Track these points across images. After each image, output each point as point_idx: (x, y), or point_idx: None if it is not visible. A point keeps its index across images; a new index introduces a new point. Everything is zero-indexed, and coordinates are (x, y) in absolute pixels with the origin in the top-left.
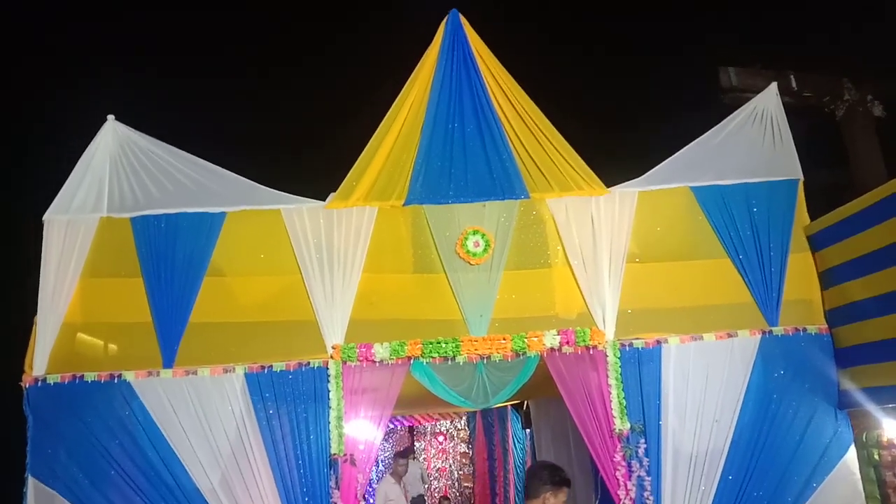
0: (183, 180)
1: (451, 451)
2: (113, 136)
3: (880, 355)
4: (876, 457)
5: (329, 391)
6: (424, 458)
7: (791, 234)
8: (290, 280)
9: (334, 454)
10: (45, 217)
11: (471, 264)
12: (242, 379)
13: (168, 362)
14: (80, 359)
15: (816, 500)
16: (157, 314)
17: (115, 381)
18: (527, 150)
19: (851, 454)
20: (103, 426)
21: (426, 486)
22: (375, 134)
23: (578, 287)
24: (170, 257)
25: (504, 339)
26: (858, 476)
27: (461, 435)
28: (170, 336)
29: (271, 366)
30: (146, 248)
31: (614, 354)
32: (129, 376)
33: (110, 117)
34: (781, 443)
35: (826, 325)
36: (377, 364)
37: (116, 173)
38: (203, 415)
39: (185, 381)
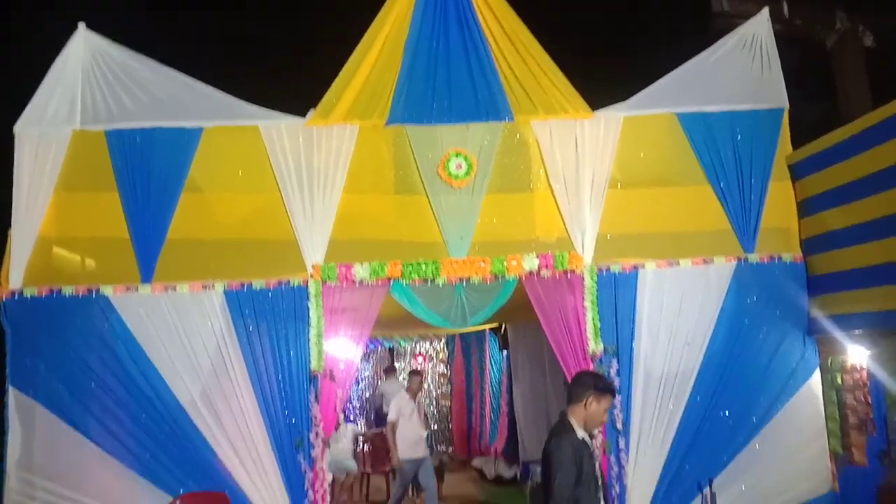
0: (158, 94)
1: (430, 371)
2: (84, 45)
3: (852, 283)
4: (839, 381)
5: (309, 310)
6: (404, 378)
7: (773, 162)
8: (269, 198)
9: (314, 370)
10: (16, 129)
11: (452, 187)
12: (222, 296)
13: (146, 278)
14: (56, 273)
15: (779, 420)
16: (135, 229)
17: (93, 295)
18: (513, 71)
19: (816, 378)
20: (82, 340)
21: None
22: (357, 49)
23: (559, 211)
24: (146, 172)
25: (483, 262)
26: (821, 398)
27: (440, 356)
28: (147, 251)
29: (251, 283)
30: (122, 162)
31: (591, 278)
32: (107, 291)
33: (81, 25)
34: (750, 366)
35: (801, 254)
36: (357, 284)
37: (89, 85)
38: (183, 330)
39: (163, 297)
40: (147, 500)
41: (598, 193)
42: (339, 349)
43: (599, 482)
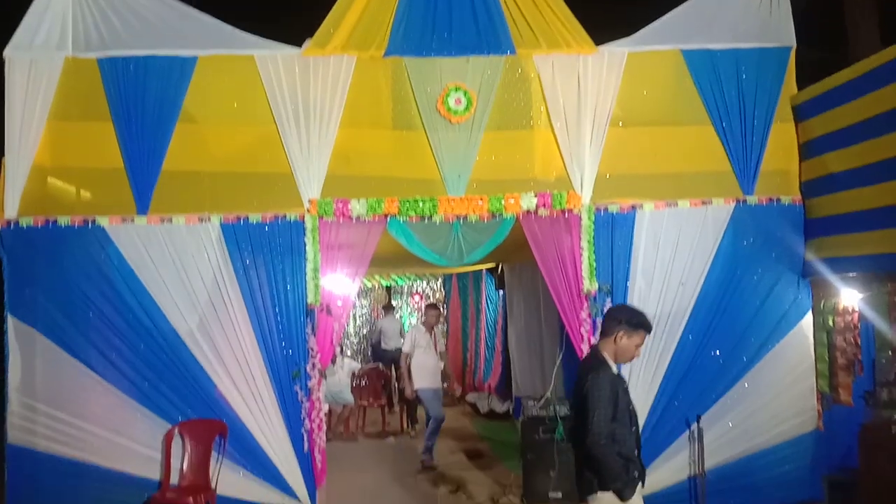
0: (152, 20)
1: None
2: None
3: (850, 226)
4: (830, 323)
5: (305, 244)
6: (401, 316)
7: (777, 103)
8: (264, 130)
9: (311, 304)
10: (6, 53)
11: (451, 122)
12: (218, 229)
13: (142, 209)
14: (52, 203)
15: (769, 360)
16: (129, 160)
17: (89, 226)
18: (515, 2)
19: (807, 320)
20: (79, 270)
21: (403, 339)
22: None
23: (559, 150)
24: (140, 101)
25: (481, 200)
26: (811, 340)
27: (437, 296)
28: (143, 182)
29: (247, 217)
30: (115, 91)
31: (589, 218)
32: (103, 222)
33: None
34: (743, 307)
35: (800, 196)
36: (354, 220)
37: (80, 10)
38: (179, 262)
39: (160, 229)
40: (146, 427)
41: (598, 131)
42: (336, 285)
43: (634, 415)
